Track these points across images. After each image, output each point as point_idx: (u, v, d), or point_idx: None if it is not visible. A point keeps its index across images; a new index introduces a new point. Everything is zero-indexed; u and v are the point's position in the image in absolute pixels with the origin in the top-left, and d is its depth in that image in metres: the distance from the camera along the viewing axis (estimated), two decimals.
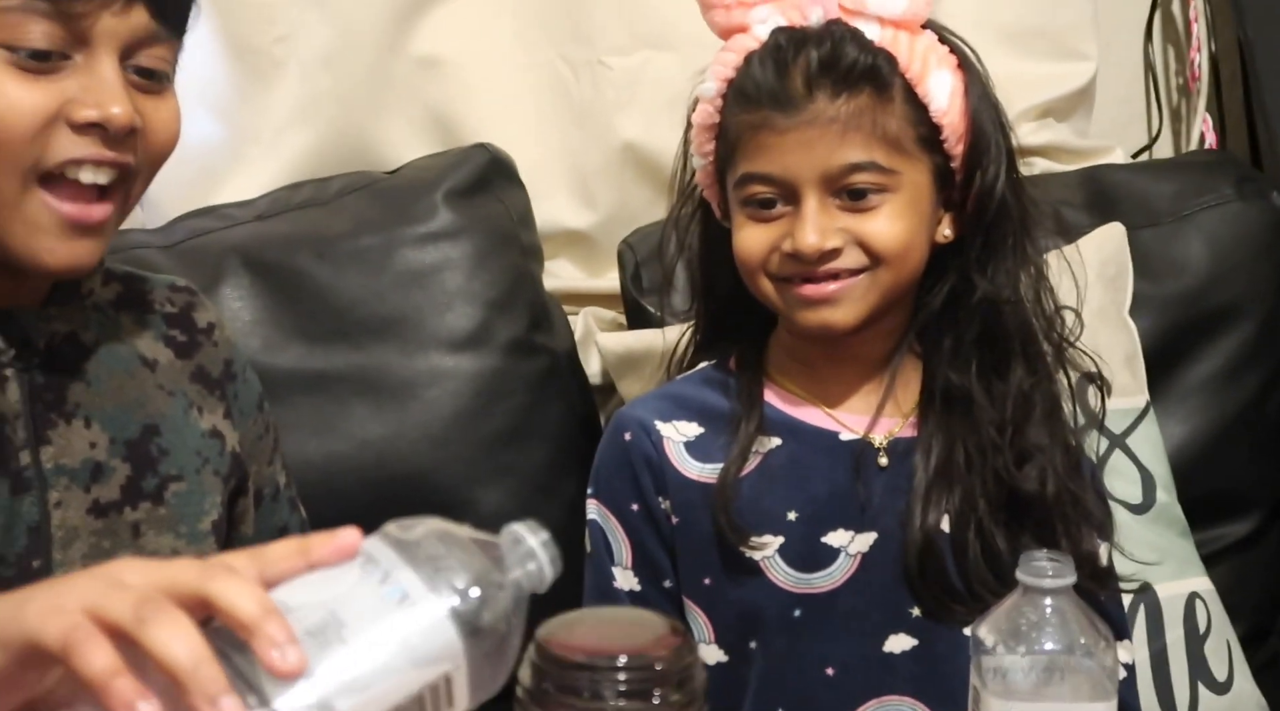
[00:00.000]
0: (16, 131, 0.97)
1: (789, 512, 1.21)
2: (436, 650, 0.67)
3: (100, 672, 0.64)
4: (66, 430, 1.04)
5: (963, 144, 1.20)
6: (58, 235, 0.99)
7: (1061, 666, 0.95)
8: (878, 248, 1.17)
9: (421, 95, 1.82)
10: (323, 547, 0.69)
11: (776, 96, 1.17)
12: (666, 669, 0.78)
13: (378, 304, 1.65)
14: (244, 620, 0.65)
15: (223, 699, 0.63)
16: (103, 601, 0.65)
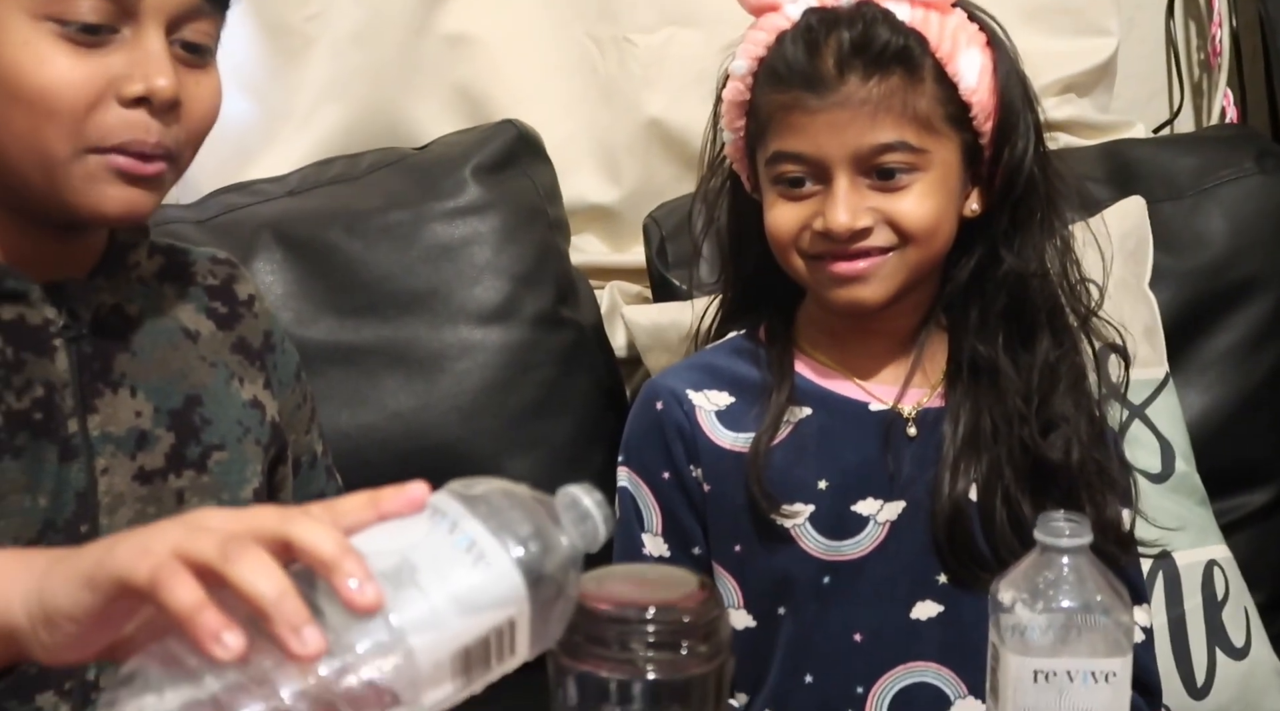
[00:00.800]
0: (66, 103, 0.99)
1: (820, 481, 1.23)
2: (502, 595, 0.70)
3: (186, 605, 0.65)
4: (113, 399, 1.07)
5: (991, 121, 1.21)
6: (114, 183, 1.02)
7: (1079, 624, 0.97)
8: (907, 227, 1.19)
9: (450, 72, 1.84)
10: (393, 500, 0.71)
11: (808, 78, 1.18)
12: (694, 621, 0.81)
13: (407, 278, 1.68)
14: (324, 558, 0.67)
15: (305, 629, 0.65)
16: (188, 543, 0.68)
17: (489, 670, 0.71)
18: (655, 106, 1.88)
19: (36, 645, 0.71)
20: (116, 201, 1.02)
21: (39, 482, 1.02)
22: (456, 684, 0.69)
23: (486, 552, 0.70)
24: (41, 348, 1.04)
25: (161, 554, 0.67)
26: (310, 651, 0.65)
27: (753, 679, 1.26)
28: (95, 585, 0.69)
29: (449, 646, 0.68)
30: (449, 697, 0.70)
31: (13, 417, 1.01)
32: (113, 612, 0.69)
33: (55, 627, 0.70)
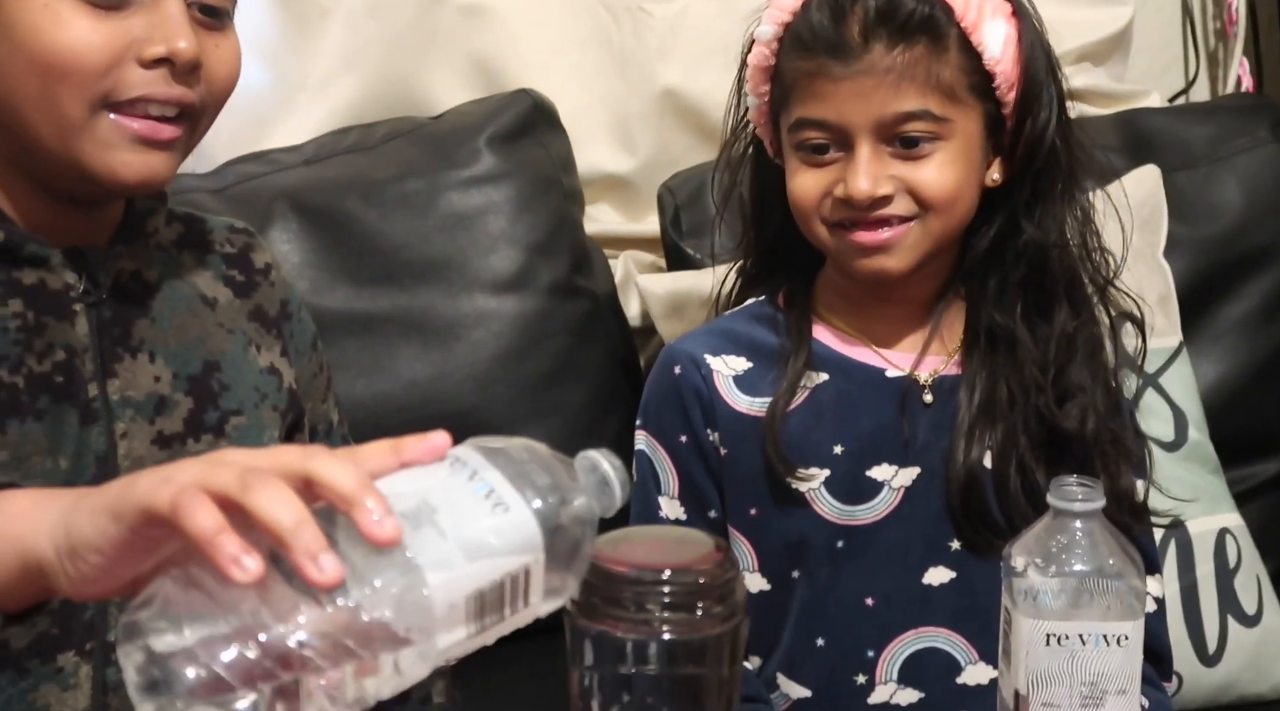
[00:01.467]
0: (86, 66, 1.00)
1: (835, 446, 1.24)
2: (519, 541, 0.71)
3: (206, 529, 0.66)
4: (132, 364, 1.07)
5: (1015, 91, 1.21)
6: (131, 149, 1.02)
7: (1091, 587, 0.98)
8: (929, 196, 1.19)
9: (465, 42, 1.84)
10: (414, 447, 0.72)
11: (833, 45, 1.18)
12: (709, 582, 0.81)
13: (423, 247, 1.68)
14: (344, 493, 0.68)
15: (322, 556, 0.66)
16: (210, 474, 0.68)
17: (502, 619, 0.71)
18: (670, 76, 1.88)
19: (63, 577, 0.72)
20: (133, 167, 1.03)
21: (60, 445, 1.03)
22: (470, 628, 0.70)
23: (505, 499, 0.71)
24: (62, 312, 1.05)
25: (183, 483, 0.68)
26: (328, 578, 0.66)
27: (766, 642, 1.27)
28: (119, 515, 0.70)
29: (464, 588, 0.69)
30: (461, 643, 0.70)
31: (34, 380, 1.02)
32: (136, 544, 0.70)
33: (80, 559, 0.71)
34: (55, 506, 0.74)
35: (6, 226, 1.04)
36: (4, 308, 1.03)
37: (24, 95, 1.01)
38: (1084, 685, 0.97)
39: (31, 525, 0.74)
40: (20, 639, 1.01)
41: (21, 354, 1.02)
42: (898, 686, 1.24)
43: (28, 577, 0.75)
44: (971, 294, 1.27)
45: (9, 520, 0.76)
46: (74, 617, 1.03)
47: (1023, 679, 0.98)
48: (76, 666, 1.03)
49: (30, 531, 0.74)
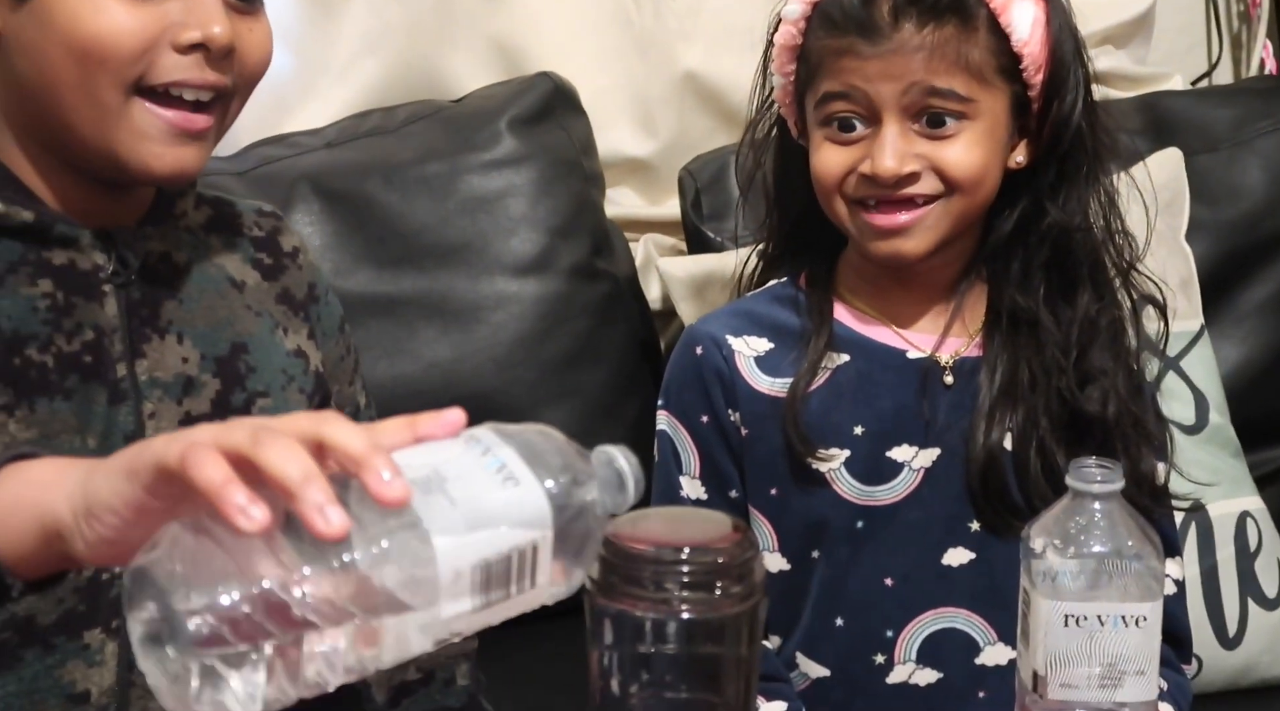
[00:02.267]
0: (121, 51, 1.01)
1: (856, 427, 1.24)
2: (528, 516, 0.71)
3: (214, 480, 0.67)
4: (160, 345, 1.08)
5: (1042, 73, 1.21)
6: (164, 141, 1.03)
7: (1109, 569, 0.98)
8: (954, 175, 1.19)
9: (486, 25, 1.85)
10: (430, 422, 0.72)
11: (862, 24, 1.18)
12: (728, 562, 0.82)
13: (444, 229, 1.69)
14: (354, 455, 0.68)
15: (330, 508, 0.66)
16: (222, 433, 0.69)
17: (508, 596, 0.71)
18: (690, 59, 1.88)
19: (79, 540, 0.73)
20: (165, 160, 1.04)
21: (89, 424, 1.04)
22: (475, 601, 0.70)
23: (517, 475, 0.71)
24: (91, 292, 1.06)
25: (195, 440, 0.69)
26: (334, 529, 0.66)
27: (785, 621, 1.27)
28: (133, 473, 0.70)
29: (470, 556, 0.69)
30: (465, 616, 0.71)
31: (63, 360, 1.03)
32: (151, 505, 0.70)
33: (96, 519, 0.72)
34: (74, 471, 0.75)
35: (37, 207, 1.05)
36: (33, 287, 1.04)
37: (61, 81, 1.02)
38: (1102, 666, 0.97)
39: (50, 490, 0.75)
40: (47, 615, 1.02)
41: (51, 333, 1.03)
42: (916, 666, 1.24)
43: (46, 542, 0.75)
44: (993, 276, 1.27)
45: (29, 486, 0.77)
46: (101, 595, 1.04)
47: (1041, 659, 0.98)
48: (103, 643, 1.04)
49: (49, 496, 0.75)
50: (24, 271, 1.04)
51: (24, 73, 1.03)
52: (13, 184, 1.06)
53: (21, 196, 1.05)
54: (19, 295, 1.03)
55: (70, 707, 1.04)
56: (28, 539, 0.76)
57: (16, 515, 0.76)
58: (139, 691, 1.06)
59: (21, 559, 0.77)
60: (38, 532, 0.75)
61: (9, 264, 1.03)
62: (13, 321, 1.02)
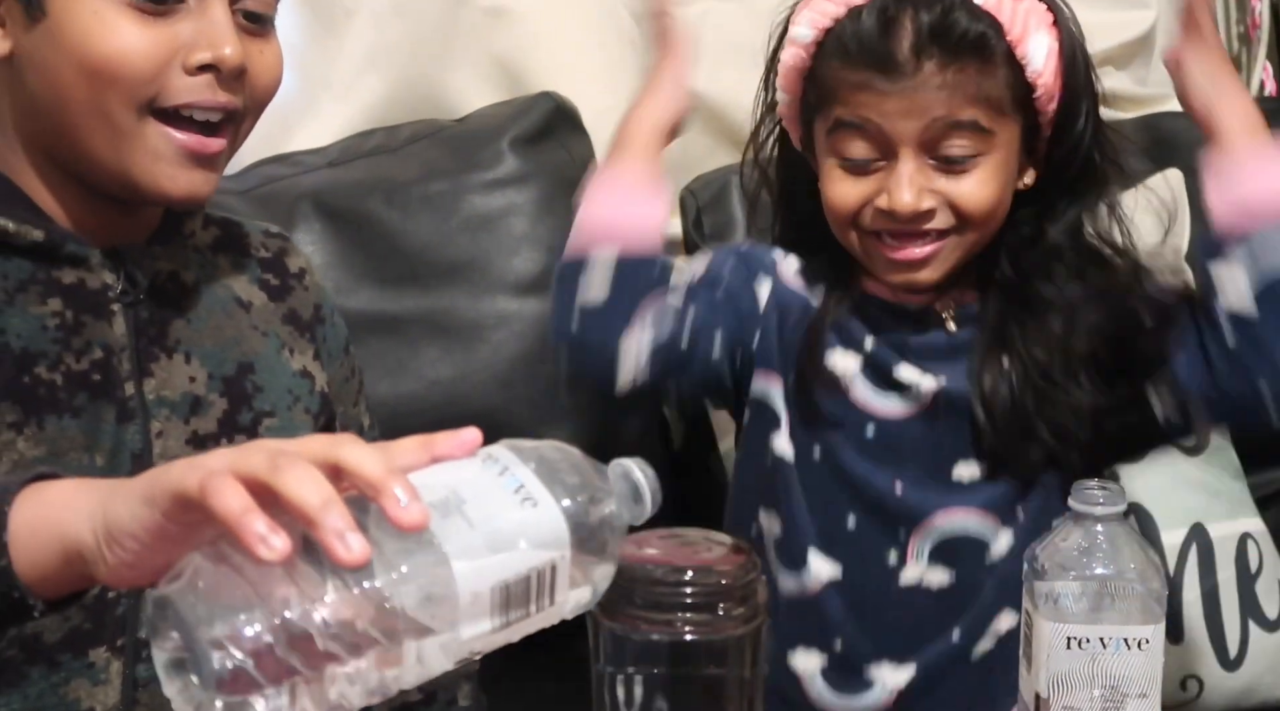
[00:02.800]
0: (134, 71, 1.01)
1: (867, 338, 1.26)
2: (547, 537, 0.71)
3: (234, 509, 0.67)
4: (168, 364, 1.09)
5: (1054, 103, 1.22)
6: (178, 163, 1.04)
7: (1112, 591, 0.98)
8: (969, 210, 1.20)
9: (488, 45, 1.85)
10: (446, 442, 0.73)
11: (882, 60, 1.18)
12: (731, 583, 0.82)
13: (446, 248, 1.69)
14: (371, 479, 0.68)
15: (350, 535, 0.66)
16: (239, 459, 0.70)
17: (527, 615, 0.72)
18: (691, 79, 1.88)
19: (101, 564, 0.74)
20: (179, 183, 1.05)
21: (97, 442, 1.04)
22: (494, 621, 0.71)
23: (535, 495, 0.72)
24: (100, 311, 1.06)
25: (213, 467, 0.69)
26: (354, 556, 0.66)
27: (790, 511, 1.27)
28: (152, 500, 0.71)
29: (489, 579, 0.70)
30: (485, 636, 0.71)
31: (72, 378, 1.04)
32: (170, 530, 0.71)
33: (117, 544, 0.72)
34: (94, 494, 0.76)
35: (46, 225, 1.05)
36: (43, 306, 1.04)
37: (74, 100, 1.03)
38: (1105, 688, 0.98)
39: (71, 512, 0.76)
40: (53, 633, 1.02)
41: (60, 352, 1.04)
42: (928, 566, 1.25)
43: (67, 564, 0.76)
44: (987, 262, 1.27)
45: (50, 507, 0.77)
46: (106, 613, 1.04)
47: (1044, 682, 0.98)
48: (108, 662, 1.05)
49: (70, 518, 0.75)
50: (34, 290, 1.04)
51: (37, 91, 1.04)
52: (23, 202, 1.06)
53: (32, 215, 1.06)
54: (29, 313, 1.03)
55: None
56: (49, 560, 0.77)
57: (38, 536, 0.77)
58: (143, 709, 1.06)
59: (43, 579, 0.78)
60: (59, 554, 0.76)
61: (19, 282, 1.04)
62: (22, 340, 1.03)
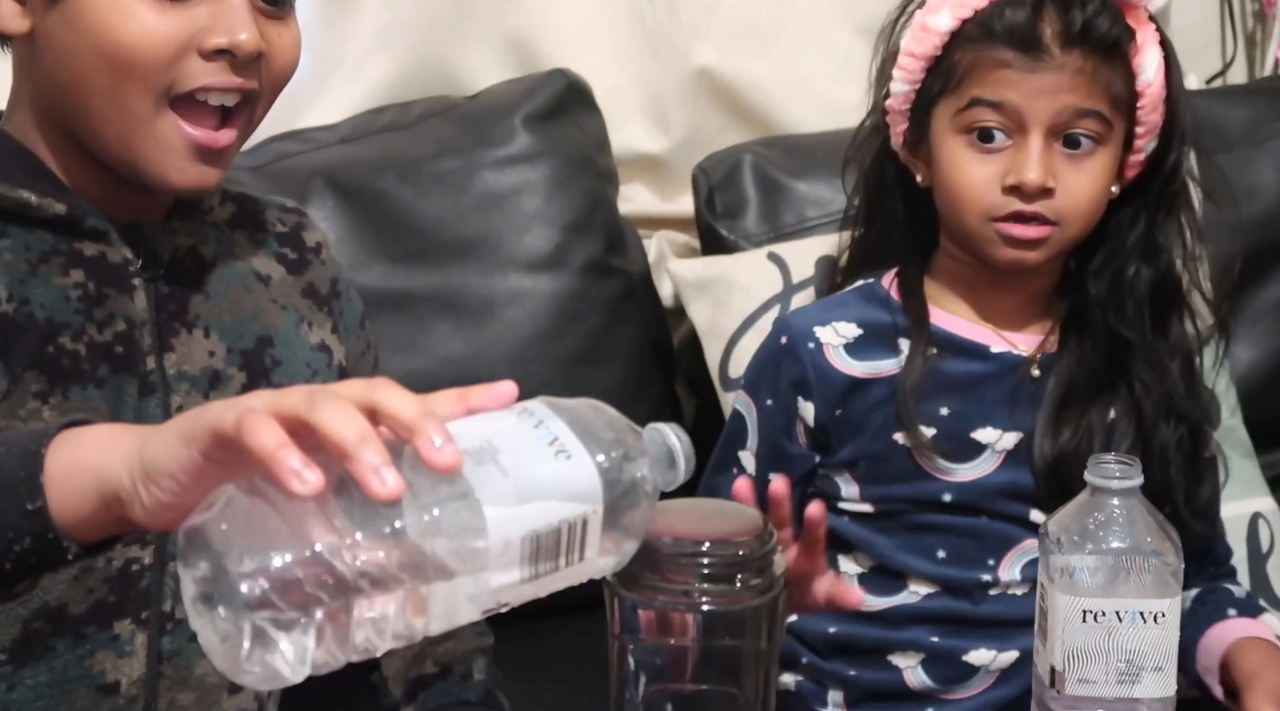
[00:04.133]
0: (151, 57, 1.01)
1: (942, 408, 1.29)
2: (580, 490, 0.72)
3: (268, 445, 0.67)
4: (188, 339, 1.09)
5: (1155, 115, 1.28)
6: (187, 157, 1.04)
7: (1128, 565, 0.98)
8: (1078, 200, 1.25)
9: (501, 22, 1.85)
10: (481, 394, 0.73)
11: (1028, 44, 1.23)
12: (748, 555, 0.82)
13: (458, 225, 1.69)
14: (406, 420, 0.68)
15: (385, 469, 0.66)
16: (277, 398, 0.70)
17: (556, 568, 0.72)
18: (704, 56, 1.88)
19: (137, 504, 0.73)
20: (186, 176, 1.04)
21: (120, 414, 1.04)
22: (523, 572, 0.71)
23: (569, 448, 0.72)
24: (122, 285, 1.06)
25: (250, 406, 0.69)
26: (389, 490, 0.66)
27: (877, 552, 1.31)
28: (190, 439, 0.71)
29: (520, 527, 0.70)
30: (513, 587, 0.71)
31: (95, 349, 1.04)
32: (207, 469, 0.71)
33: (154, 484, 0.72)
34: (130, 436, 0.76)
35: (69, 200, 1.06)
36: (66, 277, 1.04)
37: (91, 85, 1.02)
38: (1120, 661, 0.98)
39: (108, 454, 0.76)
40: (78, 605, 1.03)
41: (83, 323, 1.04)
42: (1020, 581, 1.29)
43: (104, 506, 0.76)
44: (1078, 290, 1.32)
45: (86, 449, 0.78)
46: (131, 586, 1.05)
47: (1059, 655, 0.98)
48: (133, 634, 1.05)
49: (106, 459, 0.75)
50: (56, 261, 1.04)
51: (55, 72, 1.04)
52: (46, 176, 1.06)
53: (55, 188, 1.06)
54: (52, 284, 1.04)
55: (100, 698, 1.04)
56: (86, 502, 0.77)
57: (74, 478, 0.77)
58: (168, 682, 1.07)
59: (78, 522, 0.78)
60: (96, 496, 0.76)
61: (41, 254, 1.04)
62: (46, 310, 1.03)
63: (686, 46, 1.88)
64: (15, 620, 1.01)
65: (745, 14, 1.88)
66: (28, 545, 0.78)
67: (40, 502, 0.77)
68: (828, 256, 1.59)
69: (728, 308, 1.67)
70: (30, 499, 0.77)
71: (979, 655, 1.30)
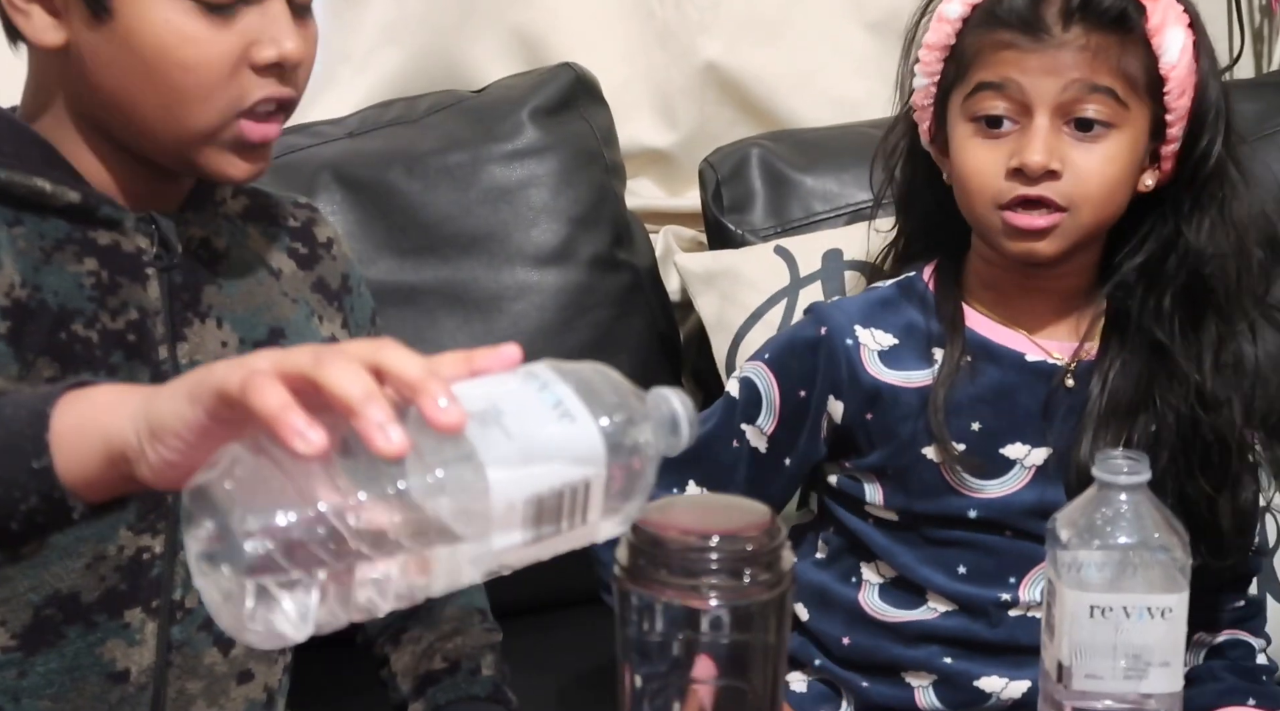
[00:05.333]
0: (210, 76, 1.03)
1: (974, 423, 1.27)
2: (583, 452, 0.72)
3: (272, 405, 0.67)
4: (201, 329, 1.10)
5: (1184, 99, 1.24)
6: (245, 153, 1.06)
7: (1135, 560, 0.98)
8: (1091, 183, 1.21)
9: (508, 16, 1.85)
10: (486, 356, 0.73)
11: (1029, 24, 1.21)
12: (756, 549, 0.82)
13: (465, 219, 1.69)
14: (410, 380, 0.68)
15: (390, 427, 0.67)
16: (283, 358, 0.70)
17: (558, 531, 0.72)
18: (712, 50, 1.88)
19: (143, 463, 0.74)
20: (242, 169, 1.07)
21: None
22: (526, 534, 0.71)
23: (573, 412, 0.72)
24: (136, 274, 1.07)
25: (256, 367, 0.70)
26: (394, 447, 0.66)
27: (898, 560, 1.30)
28: (196, 398, 0.71)
29: (524, 489, 0.70)
30: (516, 549, 0.71)
31: (108, 337, 1.05)
32: (213, 429, 0.71)
33: (159, 442, 0.73)
34: (137, 395, 0.76)
35: (83, 188, 1.06)
36: (79, 265, 1.05)
37: (149, 101, 1.04)
38: (1127, 657, 0.98)
39: (114, 412, 0.76)
40: (89, 593, 1.04)
41: (96, 310, 1.05)
42: (1039, 603, 1.26)
43: (111, 464, 0.76)
44: (1116, 291, 1.29)
45: (93, 408, 0.78)
46: (141, 574, 1.05)
47: (1066, 650, 0.99)
48: (143, 623, 1.06)
49: (113, 418, 0.76)
50: (70, 249, 1.05)
51: (102, 85, 1.05)
52: (61, 165, 1.07)
53: (69, 177, 1.06)
54: (66, 271, 1.04)
55: (110, 686, 1.05)
56: (92, 461, 0.77)
57: (81, 437, 0.77)
58: (177, 671, 1.08)
59: (85, 482, 0.78)
60: (102, 454, 0.76)
61: (55, 241, 1.05)
62: (59, 297, 1.04)
63: (694, 40, 1.88)
64: (27, 605, 1.02)
65: (753, 8, 1.88)
66: (34, 504, 0.78)
67: (46, 461, 0.78)
68: (835, 250, 1.59)
69: (735, 301, 1.67)
70: (37, 457, 0.78)
71: (990, 681, 1.28)
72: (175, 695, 1.08)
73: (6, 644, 1.03)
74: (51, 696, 1.04)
